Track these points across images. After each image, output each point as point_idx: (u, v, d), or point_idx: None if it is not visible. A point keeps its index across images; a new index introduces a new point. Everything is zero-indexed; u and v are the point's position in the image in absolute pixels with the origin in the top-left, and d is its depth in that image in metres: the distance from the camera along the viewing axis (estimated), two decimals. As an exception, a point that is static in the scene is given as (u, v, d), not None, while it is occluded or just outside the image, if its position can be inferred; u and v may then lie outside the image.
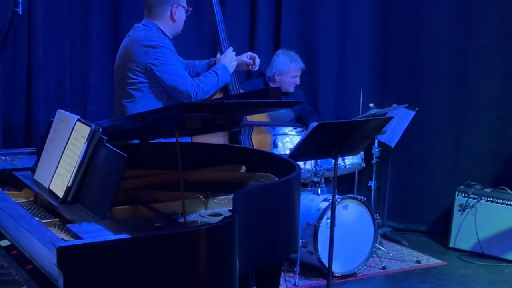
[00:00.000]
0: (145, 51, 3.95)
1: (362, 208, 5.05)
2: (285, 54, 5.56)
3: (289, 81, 5.52)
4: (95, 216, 2.35)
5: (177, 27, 4.18)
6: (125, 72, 4.02)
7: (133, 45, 4.01)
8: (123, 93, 4.05)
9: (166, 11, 4.11)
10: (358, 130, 3.78)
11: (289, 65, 5.50)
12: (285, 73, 5.50)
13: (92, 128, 2.55)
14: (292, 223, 2.86)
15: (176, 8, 4.11)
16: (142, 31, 4.09)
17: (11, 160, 3.14)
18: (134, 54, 3.97)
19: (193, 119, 2.33)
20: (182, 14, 4.16)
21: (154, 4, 4.12)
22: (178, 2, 4.12)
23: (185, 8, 4.18)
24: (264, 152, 3.60)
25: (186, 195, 2.70)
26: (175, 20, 4.13)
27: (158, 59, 3.95)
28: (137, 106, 3.96)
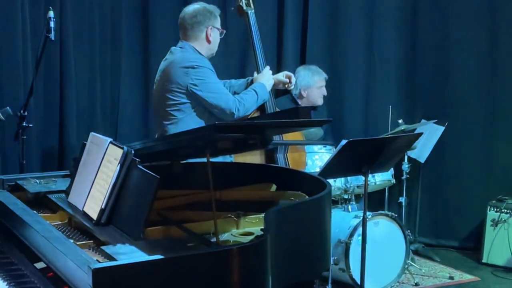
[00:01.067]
0: (185, 72, 4.01)
1: (393, 224, 5.04)
2: (306, 69, 5.59)
3: (316, 93, 5.53)
4: (128, 238, 2.38)
5: (212, 48, 4.25)
6: (166, 95, 4.07)
7: (172, 67, 4.06)
8: (164, 115, 4.09)
9: (201, 33, 4.17)
10: (387, 147, 3.78)
11: (312, 78, 5.52)
12: (310, 87, 5.52)
13: (124, 150, 2.58)
14: (323, 241, 2.87)
15: (211, 30, 4.17)
16: (179, 53, 4.15)
17: (46, 183, 3.17)
18: (174, 76, 4.03)
19: (224, 139, 2.35)
20: (216, 35, 4.23)
21: (190, 26, 4.18)
22: (213, 24, 4.18)
23: (220, 30, 4.24)
24: (294, 170, 3.62)
25: (218, 214, 2.74)
26: (210, 41, 4.19)
27: (198, 78, 4.00)
28: (179, 126, 4.00)
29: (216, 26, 4.21)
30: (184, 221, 2.71)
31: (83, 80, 5.27)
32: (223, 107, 4.04)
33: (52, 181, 3.22)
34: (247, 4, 4.46)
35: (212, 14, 4.21)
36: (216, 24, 4.22)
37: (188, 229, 2.57)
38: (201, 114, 4.08)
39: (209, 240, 2.51)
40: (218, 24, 4.24)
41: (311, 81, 5.53)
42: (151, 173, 2.42)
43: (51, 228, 2.55)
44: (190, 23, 4.18)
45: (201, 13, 4.19)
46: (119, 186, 2.56)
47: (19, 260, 2.71)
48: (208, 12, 4.20)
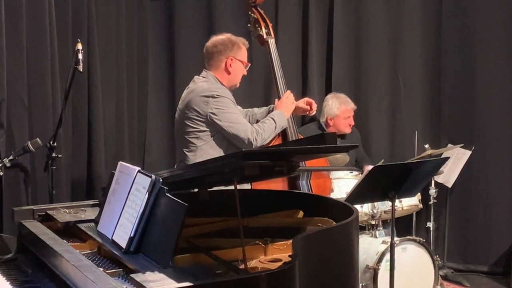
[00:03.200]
0: (205, 101, 4.05)
1: (421, 249, 5.00)
2: (335, 98, 5.64)
3: (343, 123, 5.57)
4: (158, 265, 2.40)
5: (233, 80, 4.28)
6: (186, 122, 4.13)
7: (193, 96, 4.11)
8: (184, 142, 4.15)
9: (222, 62, 4.22)
10: (414, 172, 3.78)
11: (339, 108, 5.57)
12: (337, 116, 5.57)
13: (152, 179, 2.61)
14: (351, 267, 2.87)
15: (232, 61, 4.21)
16: (201, 82, 4.19)
17: (75, 213, 3.21)
18: (195, 104, 4.08)
19: (251, 166, 2.37)
20: (238, 67, 4.25)
21: (211, 55, 4.24)
22: (234, 55, 4.22)
23: (244, 63, 4.28)
24: (321, 196, 3.62)
25: (246, 241, 2.75)
26: (230, 72, 4.23)
27: (218, 108, 4.04)
28: (198, 154, 4.05)
29: (238, 57, 4.24)
30: (212, 248, 2.72)
31: (111, 110, 5.34)
32: (242, 137, 4.07)
33: (81, 210, 3.26)
34: (267, 33, 4.51)
35: (235, 45, 4.24)
36: (238, 56, 4.24)
37: (216, 256, 2.59)
38: (220, 143, 4.12)
39: (237, 267, 2.52)
40: (241, 56, 4.26)
41: (337, 111, 5.58)
42: (179, 201, 2.44)
43: (81, 257, 2.58)
44: (211, 52, 4.25)
45: (223, 43, 4.24)
46: (148, 214, 2.58)
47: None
48: (231, 43, 4.24)
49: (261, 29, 4.51)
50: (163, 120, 5.67)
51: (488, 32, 6.05)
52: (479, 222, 6.21)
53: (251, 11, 4.57)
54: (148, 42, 5.70)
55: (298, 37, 6.12)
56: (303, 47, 6.12)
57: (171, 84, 5.69)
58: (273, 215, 3.36)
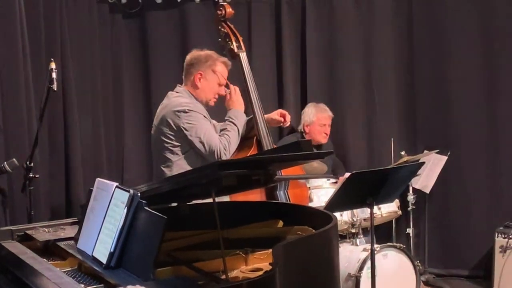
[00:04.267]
0: (177, 116, 4.04)
1: (402, 255, 5.03)
2: (313, 106, 5.70)
3: (318, 130, 5.62)
4: (139, 279, 2.40)
5: (202, 96, 4.24)
6: (161, 138, 4.12)
7: (167, 111, 4.11)
8: (160, 158, 4.15)
9: (192, 76, 4.22)
10: (390, 177, 3.81)
11: (315, 115, 5.62)
12: (313, 123, 5.62)
13: (130, 193, 2.62)
14: (332, 273, 2.89)
15: (201, 76, 4.20)
16: (174, 97, 4.19)
17: (54, 231, 3.21)
18: (168, 119, 4.07)
19: (228, 176, 2.38)
20: (208, 84, 4.22)
21: (186, 69, 4.26)
22: (204, 71, 4.20)
23: (217, 81, 4.24)
24: (300, 206, 3.65)
25: (226, 252, 2.76)
26: (198, 87, 4.21)
27: (189, 122, 4.04)
28: (174, 169, 4.04)
29: (208, 75, 4.21)
30: (194, 260, 2.73)
31: (87, 128, 5.33)
32: (211, 151, 4.03)
33: (60, 229, 3.26)
34: (238, 47, 4.52)
35: (209, 62, 4.21)
36: (209, 73, 4.21)
37: (198, 268, 2.60)
38: (195, 157, 4.10)
39: (219, 277, 2.53)
40: (213, 75, 4.22)
41: (313, 118, 5.62)
42: (158, 214, 2.45)
43: (62, 275, 2.58)
44: (186, 66, 4.27)
45: (197, 58, 4.24)
46: (127, 229, 2.59)
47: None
48: (205, 58, 4.23)
49: (231, 43, 4.52)
50: (140, 137, 5.67)
51: (460, 40, 6.11)
52: (458, 226, 6.25)
53: (221, 25, 4.59)
54: (123, 60, 5.71)
55: (272, 50, 6.15)
56: (277, 59, 6.15)
57: (146, 100, 5.69)
58: (253, 226, 3.38)
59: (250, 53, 5.85)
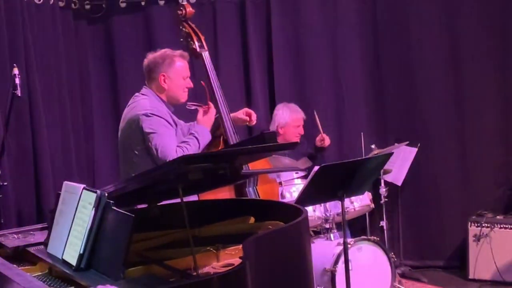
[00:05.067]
0: (141, 119, 3.98)
1: (376, 248, 5.04)
2: (285, 107, 5.67)
3: (293, 132, 5.60)
4: (109, 279, 2.39)
5: (172, 96, 4.18)
6: (126, 140, 4.09)
7: (132, 114, 4.07)
8: (125, 160, 4.12)
9: (156, 79, 4.15)
10: (360, 169, 3.83)
11: (289, 116, 5.60)
12: (287, 125, 5.60)
13: (97, 194, 2.61)
14: (304, 265, 2.89)
15: (164, 77, 4.13)
16: (140, 100, 4.13)
17: (24, 237, 3.18)
18: (132, 122, 4.03)
19: (193, 170, 2.38)
20: (174, 82, 4.15)
21: (148, 72, 4.19)
22: (165, 71, 4.13)
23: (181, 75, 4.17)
24: (270, 201, 3.66)
25: (197, 249, 2.76)
26: (165, 88, 4.15)
27: (149, 127, 3.96)
28: (136, 171, 3.91)
29: (171, 73, 4.14)
30: (165, 259, 2.72)
31: (56, 134, 5.29)
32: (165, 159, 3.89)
33: (30, 234, 3.23)
34: (200, 46, 4.48)
35: (167, 60, 4.14)
36: (171, 71, 4.14)
37: (169, 266, 2.59)
38: (156, 159, 3.98)
39: (190, 274, 2.52)
40: (175, 71, 4.15)
41: (288, 119, 5.61)
42: (126, 212, 2.44)
43: (32, 279, 2.56)
44: (147, 69, 4.19)
45: (154, 60, 4.16)
46: (96, 230, 2.58)
47: (3, 315, 2.71)
48: (162, 59, 4.15)
49: (193, 42, 4.49)
50: (110, 141, 5.62)
51: (425, 30, 6.17)
52: (431, 217, 6.29)
53: (182, 25, 4.55)
54: (89, 65, 5.68)
55: (238, 49, 6.14)
56: (244, 59, 6.14)
57: (115, 105, 5.66)
58: (225, 223, 3.37)
59: (216, 54, 5.86)
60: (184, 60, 4.22)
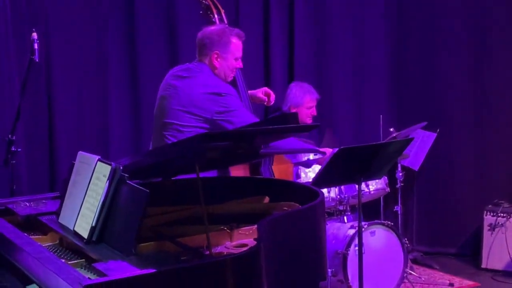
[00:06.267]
0: (210, 99, 3.82)
1: (389, 233, 5.00)
2: (298, 86, 5.53)
3: (305, 113, 5.49)
4: (120, 254, 2.35)
5: (223, 74, 4.02)
6: (176, 114, 3.88)
7: (194, 90, 3.87)
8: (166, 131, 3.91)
9: (208, 56, 3.99)
10: (379, 153, 3.77)
11: (303, 97, 5.47)
12: (300, 105, 5.48)
13: (112, 166, 2.56)
14: (318, 250, 2.84)
15: (217, 55, 3.97)
16: (200, 75, 3.95)
17: (36, 206, 3.14)
18: (196, 100, 3.84)
19: (212, 149, 2.32)
20: (225, 62, 4.00)
21: (200, 48, 4.02)
22: (219, 51, 3.97)
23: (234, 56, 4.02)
24: (286, 181, 3.61)
25: (211, 228, 2.71)
26: (216, 67, 3.99)
27: (224, 106, 3.81)
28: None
29: (224, 53, 3.98)
30: (178, 236, 2.68)
31: (72, 101, 5.24)
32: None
33: (42, 203, 3.20)
34: (219, 20, 4.37)
35: (223, 39, 3.98)
36: (225, 51, 3.98)
37: (181, 243, 2.55)
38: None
39: (202, 253, 2.48)
40: (229, 51, 3.99)
41: (301, 100, 5.49)
42: (140, 187, 2.40)
43: (42, 249, 2.52)
44: (200, 44, 4.02)
45: (210, 37, 3.99)
46: (109, 203, 2.53)
47: (12, 283, 2.68)
48: (218, 36, 3.99)
49: (213, 15, 4.39)
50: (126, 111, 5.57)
51: (450, 14, 6.09)
52: (446, 204, 6.24)
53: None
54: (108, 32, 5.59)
55: (259, 25, 6.04)
56: (264, 34, 6.06)
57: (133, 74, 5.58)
58: (239, 202, 3.32)
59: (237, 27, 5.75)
60: (240, 40, 4.05)
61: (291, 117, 2.79)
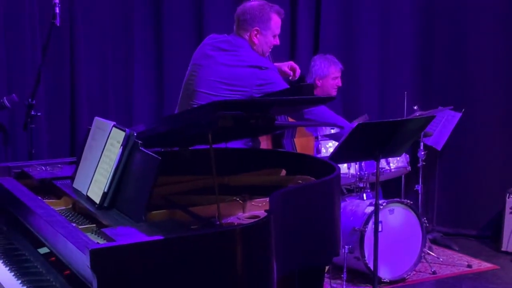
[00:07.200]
0: (252, 72, 3.83)
1: (408, 212, 4.97)
2: (322, 58, 5.49)
3: (331, 84, 5.45)
4: (130, 220, 2.35)
5: (261, 50, 4.03)
6: (214, 85, 3.87)
7: (237, 64, 3.89)
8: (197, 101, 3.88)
9: (248, 32, 3.99)
10: (398, 130, 3.72)
11: (328, 68, 5.43)
12: (326, 77, 5.44)
13: (126, 133, 2.55)
14: (332, 225, 2.81)
15: (257, 32, 3.97)
16: (241, 51, 3.95)
17: (51, 170, 3.15)
18: (236, 74, 3.85)
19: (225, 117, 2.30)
20: (264, 39, 4.00)
21: (239, 23, 4.01)
22: (259, 27, 3.97)
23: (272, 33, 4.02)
24: (303, 155, 3.57)
25: (223, 198, 2.70)
26: (255, 43, 3.99)
27: (266, 79, 3.83)
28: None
29: (264, 29, 3.98)
30: (191, 205, 2.67)
31: (95, 67, 5.24)
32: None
33: (58, 167, 3.20)
34: None
35: (264, 16, 3.97)
36: (265, 27, 3.98)
37: (193, 212, 2.53)
38: None
39: (213, 222, 2.47)
40: (269, 27, 3.99)
41: (327, 71, 5.45)
42: (153, 154, 2.39)
43: (54, 213, 2.53)
44: (240, 20, 4.01)
45: (251, 13, 3.98)
46: (122, 169, 2.53)
47: (23, 246, 2.70)
48: (260, 12, 3.98)
49: None
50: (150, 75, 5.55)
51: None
52: (468, 185, 6.18)
53: None
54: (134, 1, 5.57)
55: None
56: (291, 8, 5.99)
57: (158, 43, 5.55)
58: (255, 174, 3.31)
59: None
60: (280, 17, 4.06)
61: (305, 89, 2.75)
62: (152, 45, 5.55)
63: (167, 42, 5.51)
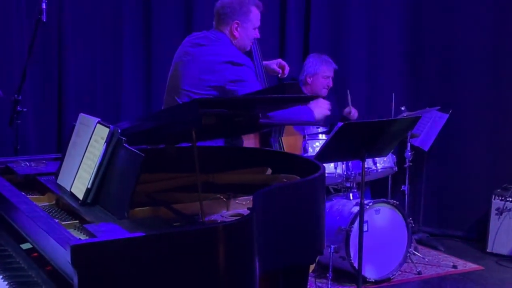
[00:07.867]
0: (226, 67, 3.82)
1: (394, 212, 4.98)
2: (316, 56, 5.52)
3: (321, 83, 5.44)
4: (113, 217, 2.34)
5: (241, 44, 4.02)
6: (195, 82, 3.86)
7: (210, 58, 3.87)
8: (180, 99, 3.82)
9: (228, 26, 3.98)
10: (384, 130, 3.73)
11: (319, 66, 5.44)
12: (316, 74, 5.45)
13: (110, 129, 2.54)
14: (316, 224, 2.81)
15: (238, 25, 3.96)
16: (216, 44, 3.94)
17: (36, 166, 3.14)
18: (212, 68, 3.83)
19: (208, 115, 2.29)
20: (245, 32, 4.00)
21: (219, 17, 4.00)
22: (240, 20, 3.96)
23: (253, 26, 4.01)
24: (289, 154, 3.57)
25: (207, 195, 2.69)
26: (236, 37, 3.98)
27: (236, 75, 3.81)
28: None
29: (245, 22, 3.97)
30: (174, 202, 2.66)
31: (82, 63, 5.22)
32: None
33: (42, 163, 3.19)
34: None
35: (243, 8, 3.97)
36: (245, 20, 3.97)
37: (176, 210, 2.53)
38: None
39: (196, 220, 2.46)
40: (249, 20, 3.99)
41: (317, 69, 5.46)
42: (136, 151, 2.38)
43: (37, 209, 2.51)
44: (219, 13, 4.00)
45: (230, 6, 3.98)
46: (105, 165, 2.52)
47: (6, 242, 2.68)
48: (239, 5, 3.97)
49: None
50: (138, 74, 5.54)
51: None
52: (455, 186, 6.21)
53: None
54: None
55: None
56: (281, 6, 6.00)
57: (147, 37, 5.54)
58: (240, 172, 3.30)
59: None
60: (259, 10, 4.05)
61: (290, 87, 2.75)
62: (140, 42, 5.55)
63: (155, 39, 5.50)
